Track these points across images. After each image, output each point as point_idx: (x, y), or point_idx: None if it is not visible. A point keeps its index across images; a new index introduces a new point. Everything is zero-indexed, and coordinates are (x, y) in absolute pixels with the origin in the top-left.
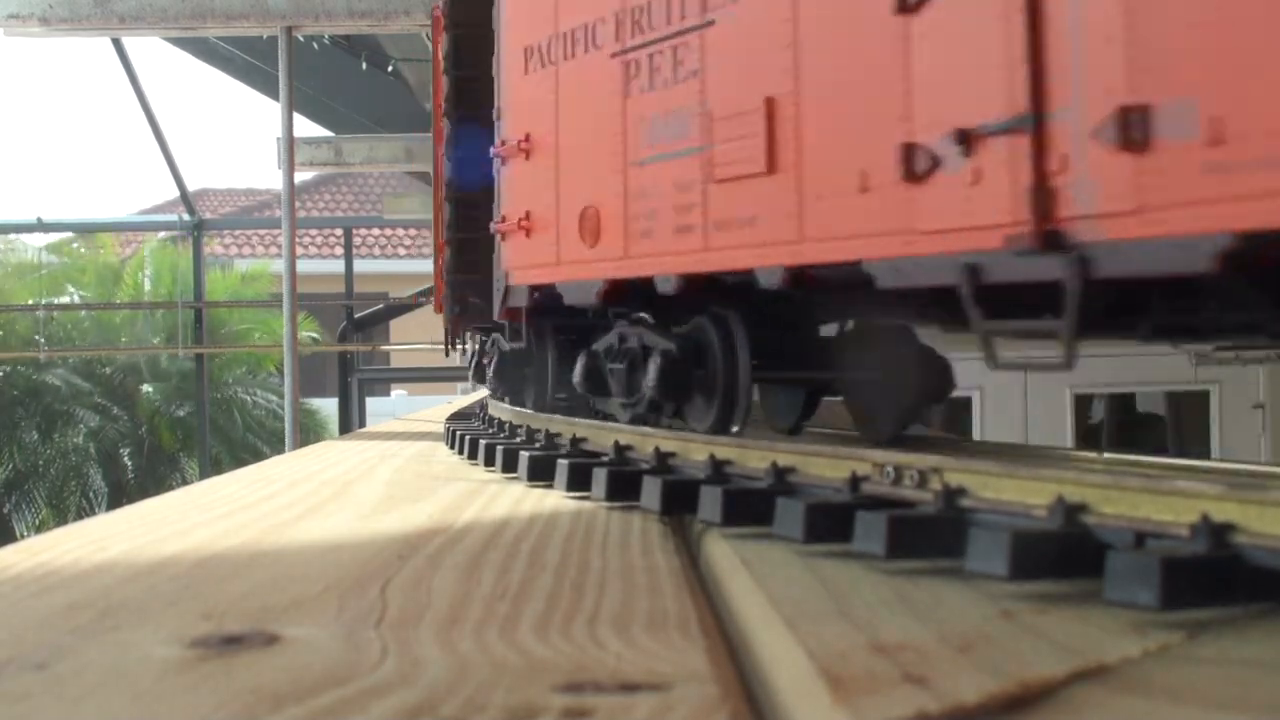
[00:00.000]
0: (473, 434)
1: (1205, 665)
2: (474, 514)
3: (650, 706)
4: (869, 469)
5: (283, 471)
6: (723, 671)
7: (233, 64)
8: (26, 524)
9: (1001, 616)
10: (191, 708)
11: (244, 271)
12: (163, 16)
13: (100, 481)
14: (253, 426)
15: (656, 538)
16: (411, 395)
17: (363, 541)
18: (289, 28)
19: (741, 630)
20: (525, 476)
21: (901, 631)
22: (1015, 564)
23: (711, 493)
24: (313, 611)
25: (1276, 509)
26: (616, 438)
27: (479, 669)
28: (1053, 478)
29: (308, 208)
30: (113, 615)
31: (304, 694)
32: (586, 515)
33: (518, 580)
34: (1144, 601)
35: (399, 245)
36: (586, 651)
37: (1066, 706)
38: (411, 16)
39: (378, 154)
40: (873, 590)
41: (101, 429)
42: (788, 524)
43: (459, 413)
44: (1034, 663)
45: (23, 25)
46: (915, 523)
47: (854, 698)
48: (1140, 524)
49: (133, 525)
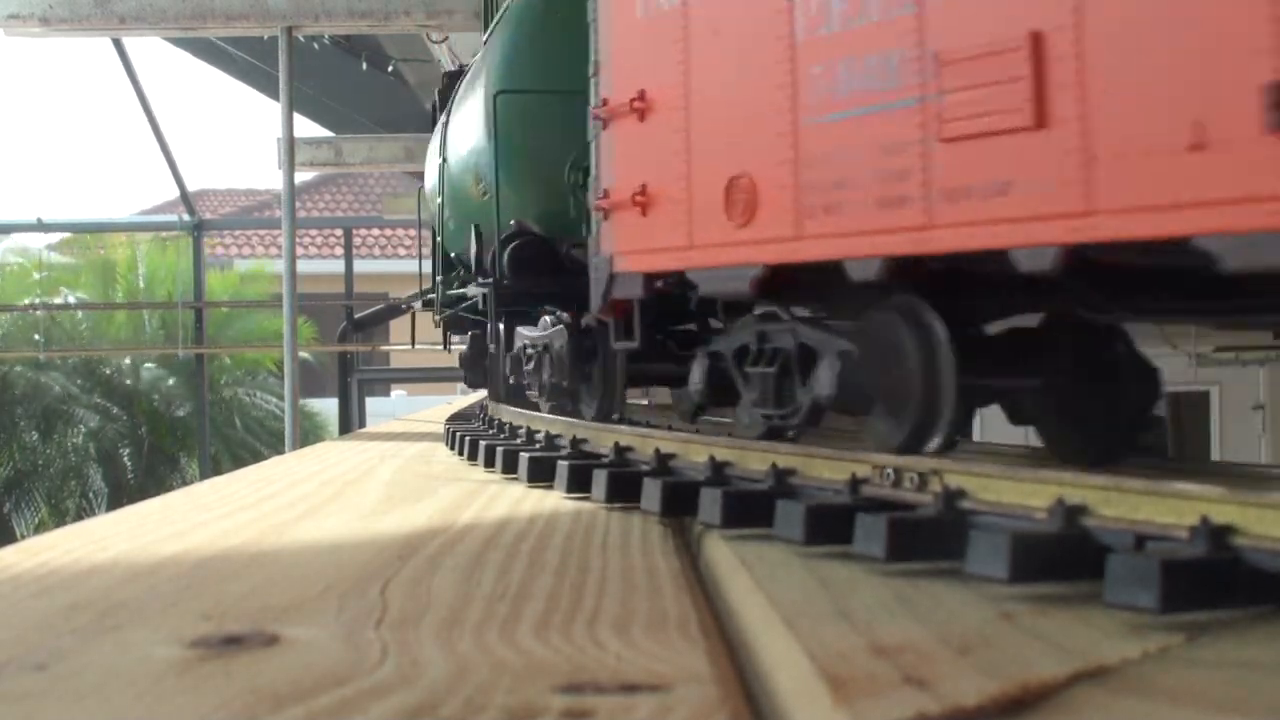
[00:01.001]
0: (473, 435)
1: (1205, 667)
2: (474, 515)
3: (650, 707)
4: (869, 471)
5: (283, 472)
6: (723, 672)
7: (233, 64)
8: (26, 524)
9: (1001, 618)
10: (191, 708)
11: (243, 271)
12: (163, 17)
13: (100, 482)
14: (252, 427)
15: (656, 539)
16: (411, 396)
17: (363, 542)
18: (289, 28)
19: (741, 631)
20: (525, 477)
21: (902, 633)
22: (1015, 566)
23: (712, 494)
24: (313, 612)
25: (1276, 511)
26: (617, 439)
27: (479, 669)
28: (1053, 480)
29: (308, 208)
30: (113, 615)
31: (304, 694)
32: (586, 516)
33: (518, 581)
34: (1144, 604)
35: (399, 245)
36: (586, 652)
37: (1066, 708)
38: (411, 16)
39: (378, 154)
40: (873, 592)
41: (101, 429)
42: (788, 526)
43: (459, 413)
44: (1034, 664)
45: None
46: (915, 525)
47: (854, 699)
48: (1140, 526)
49: (133, 526)
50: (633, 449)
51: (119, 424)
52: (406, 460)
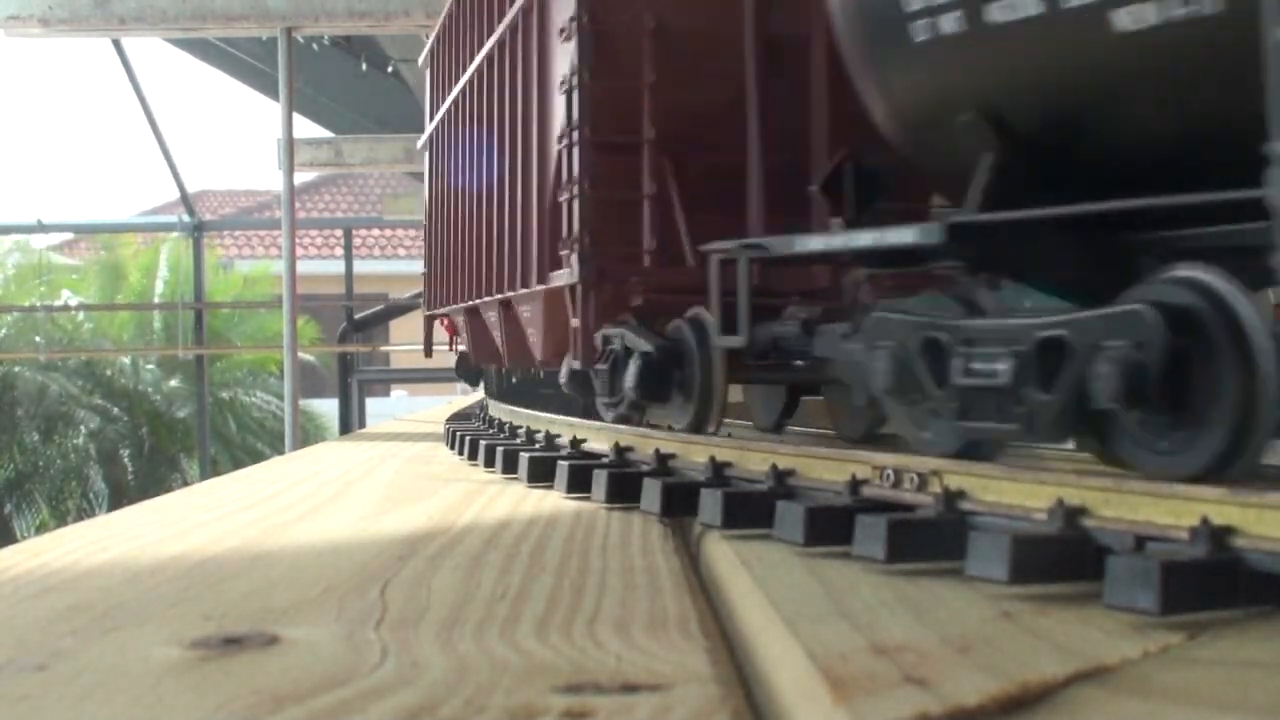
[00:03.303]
0: (473, 435)
1: (1205, 667)
2: (474, 515)
3: (651, 707)
4: (869, 472)
5: (283, 472)
6: (723, 672)
7: (233, 65)
8: (27, 525)
9: (1002, 618)
10: (192, 709)
11: (246, 273)
12: (163, 17)
13: (101, 483)
14: (252, 428)
15: (657, 539)
16: (412, 396)
17: (363, 542)
18: (289, 28)
19: (742, 631)
20: (525, 478)
21: (902, 633)
22: (1015, 567)
23: (712, 495)
24: (313, 612)
25: (1276, 512)
26: (617, 439)
27: (479, 670)
28: (1053, 481)
29: (308, 208)
30: (113, 616)
31: (304, 695)
32: (586, 516)
33: (518, 581)
34: (1144, 605)
35: (399, 246)
36: (587, 652)
37: (1066, 708)
38: (411, 17)
39: (378, 154)
40: (873, 592)
41: (102, 430)
42: (788, 527)
43: (459, 413)
44: (1034, 664)
45: (23, 26)
46: (915, 526)
47: (855, 699)
48: (1140, 527)
49: (133, 526)
50: (633, 449)
51: (119, 425)
52: (407, 460)
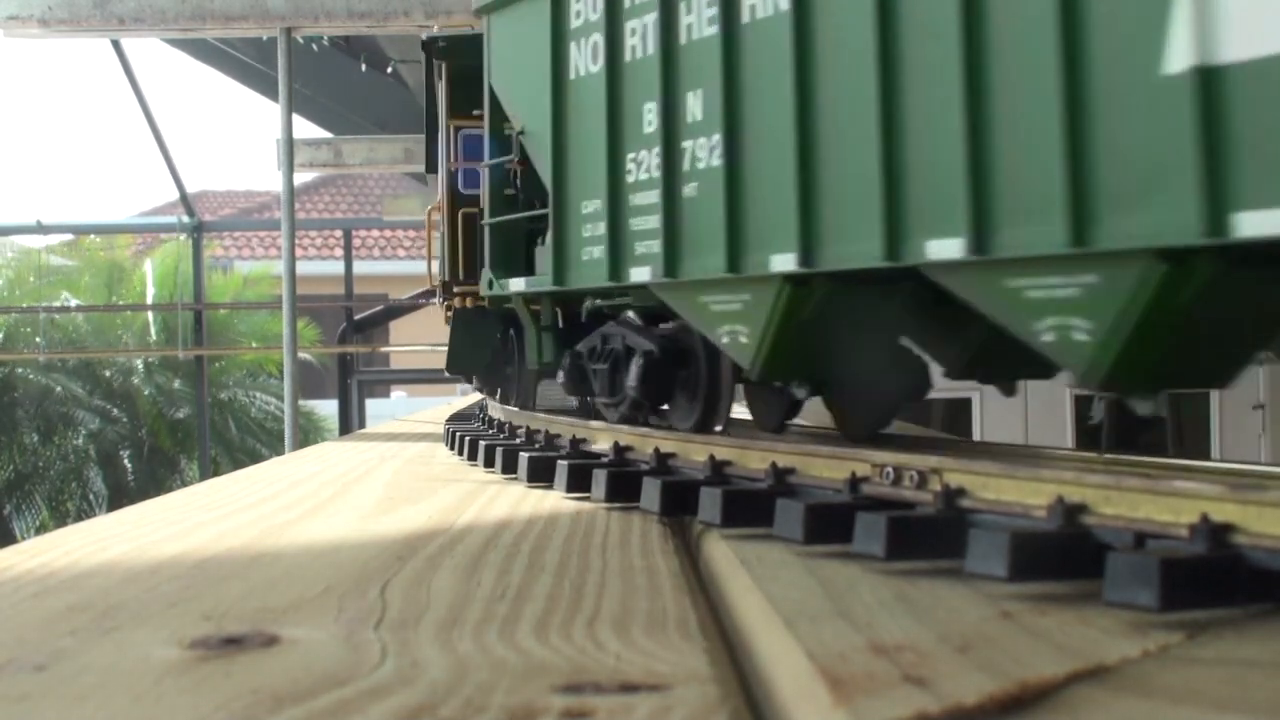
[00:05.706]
0: (472, 435)
1: (1205, 666)
2: (473, 515)
3: (650, 707)
4: (869, 470)
5: (283, 472)
6: (722, 672)
7: (232, 65)
8: (27, 526)
9: (1001, 617)
10: (191, 708)
11: (246, 274)
12: (162, 18)
13: (100, 484)
14: (252, 429)
15: (656, 538)
16: (412, 397)
17: (363, 542)
18: (288, 29)
19: (741, 631)
20: (525, 477)
21: (901, 632)
22: (1015, 565)
23: (711, 494)
24: (312, 612)
25: (1276, 509)
26: (616, 439)
27: (478, 670)
28: (1052, 478)
29: (307, 209)
30: (113, 616)
31: (304, 695)
32: (586, 516)
33: (517, 581)
34: (1143, 602)
35: (399, 246)
36: (586, 652)
37: (1066, 707)
38: (411, 17)
39: (377, 155)
40: (872, 591)
41: (102, 431)
42: (788, 525)
43: (458, 414)
44: (1033, 663)
45: (22, 26)
46: (915, 524)
47: (854, 698)
48: (1140, 525)
49: (133, 526)
50: (632, 449)
51: (119, 426)
52: (406, 460)
